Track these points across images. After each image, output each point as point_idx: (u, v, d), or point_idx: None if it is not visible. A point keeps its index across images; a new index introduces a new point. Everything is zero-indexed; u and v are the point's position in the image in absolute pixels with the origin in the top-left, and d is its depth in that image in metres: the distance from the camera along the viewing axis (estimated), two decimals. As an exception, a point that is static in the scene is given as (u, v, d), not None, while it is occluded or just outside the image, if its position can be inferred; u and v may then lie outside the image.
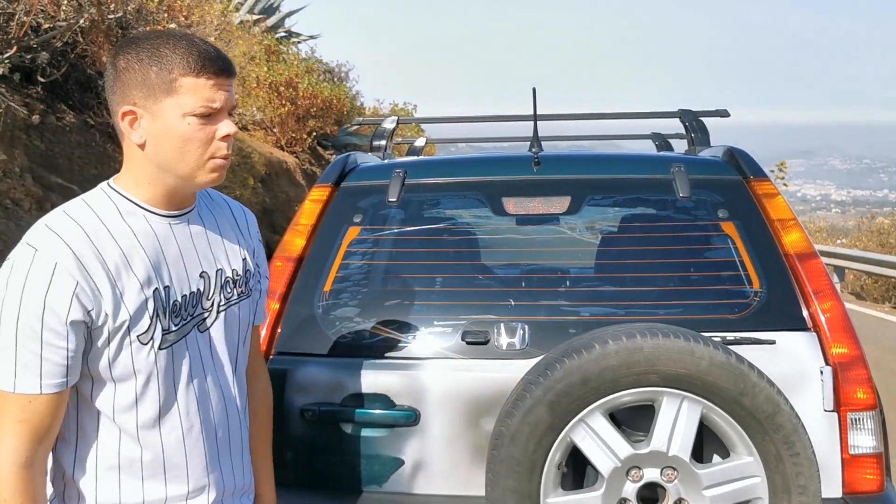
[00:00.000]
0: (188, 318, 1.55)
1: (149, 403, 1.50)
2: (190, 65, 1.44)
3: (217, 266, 1.61)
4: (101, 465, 1.50)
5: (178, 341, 1.53)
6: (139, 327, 1.46)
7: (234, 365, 1.67)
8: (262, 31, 12.98)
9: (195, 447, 1.56)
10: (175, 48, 1.45)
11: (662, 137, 4.07)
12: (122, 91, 1.47)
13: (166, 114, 1.45)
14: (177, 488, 1.55)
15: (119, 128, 1.49)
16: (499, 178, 2.69)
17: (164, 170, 1.49)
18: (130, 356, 1.46)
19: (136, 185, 1.51)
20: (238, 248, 1.68)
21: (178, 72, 1.44)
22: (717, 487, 1.95)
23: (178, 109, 1.45)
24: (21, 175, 5.44)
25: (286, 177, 10.95)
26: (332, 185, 2.63)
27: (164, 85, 1.44)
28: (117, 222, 1.48)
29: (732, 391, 1.92)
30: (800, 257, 2.35)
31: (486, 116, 3.68)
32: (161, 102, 1.45)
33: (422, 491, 2.24)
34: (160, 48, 1.45)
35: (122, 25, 6.72)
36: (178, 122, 1.45)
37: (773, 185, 2.55)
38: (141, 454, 1.51)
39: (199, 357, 1.57)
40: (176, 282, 1.53)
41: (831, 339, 2.21)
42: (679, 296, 2.38)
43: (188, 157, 1.47)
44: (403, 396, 2.26)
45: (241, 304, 1.67)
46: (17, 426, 1.39)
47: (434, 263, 2.57)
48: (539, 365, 2.05)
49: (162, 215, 1.53)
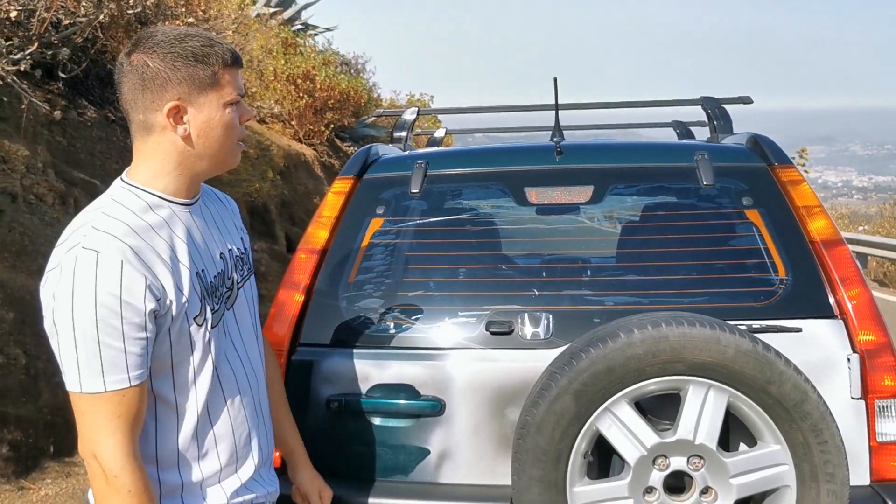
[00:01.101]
0: (221, 297, 1.65)
1: (203, 382, 1.59)
2: (227, 59, 1.57)
3: (228, 247, 1.73)
4: (162, 448, 1.58)
5: (221, 319, 1.64)
6: (194, 310, 1.55)
7: (257, 337, 1.80)
8: (279, 23, 12.99)
9: (238, 418, 1.67)
10: (209, 45, 1.57)
11: (684, 125, 4.04)
12: (160, 89, 1.54)
13: (211, 105, 1.57)
14: (228, 460, 1.65)
15: (153, 123, 1.55)
16: (521, 168, 2.69)
17: (203, 157, 1.59)
18: (189, 339, 1.55)
19: (155, 177, 1.58)
20: (235, 229, 1.81)
21: (219, 66, 1.56)
22: (744, 476, 1.94)
23: (220, 100, 1.58)
24: (44, 170, 5.49)
25: (305, 169, 10.98)
26: (355, 177, 2.65)
27: (209, 79, 1.56)
28: (151, 216, 1.55)
29: (759, 379, 1.91)
30: (826, 244, 2.33)
31: (507, 106, 3.67)
32: (207, 95, 1.56)
33: (447, 480, 2.25)
34: (195, 46, 1.56)
35: (141, 20, 6.75)
36: (220, 111, 1.58)
37: (798, 171, 2.53)
38: (196, 432, 1.60)
39: (230, 334, 1.69)
40: (207, 264, 1.62)
41: (858, 327, 2.19)
42: (704, 284, 2.37)
43: (226, 143, 1.61)
44: (428, 386, 2.27)
45: (251, 280, 1.81)
46: (117, 422, 1.46)
47: (457, 254, 2.57)
48: (564, 354, 2.05)
49: (182, 204, 1.61)
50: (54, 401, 4.28)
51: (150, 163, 1.58)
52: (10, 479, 3.95)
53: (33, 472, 4.10)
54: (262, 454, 1.75)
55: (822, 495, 1.91)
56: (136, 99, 1.55)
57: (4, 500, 3.77)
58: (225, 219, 1.79)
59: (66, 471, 4.18)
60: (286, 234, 9.34)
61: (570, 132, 4.31)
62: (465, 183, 2.72)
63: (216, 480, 1.64)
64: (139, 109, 1.55)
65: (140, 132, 1.57)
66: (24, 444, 4.10)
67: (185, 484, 1.60)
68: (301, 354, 2.33)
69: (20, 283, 4.56)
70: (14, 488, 3.90)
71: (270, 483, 1.80)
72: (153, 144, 1.57)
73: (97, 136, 6.42)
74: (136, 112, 1.56)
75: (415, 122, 3.47)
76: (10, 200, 4.93)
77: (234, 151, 1.64)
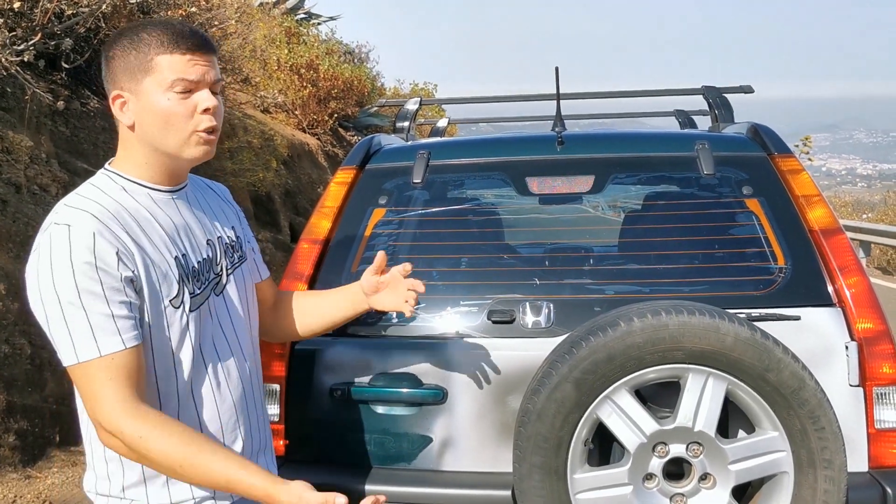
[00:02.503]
0: (206, 282, 1.66)
1: (185, 367, 1.59)
2: (164, 44, 1.54)
3: (217, 234, 1.74)
4: None
5: (203, 304, 1.64)
6: (170, 292, 1.56)
7: (249, 324, 1.80)
8: (282, 13, 12.97)
9: (224, 404, 1.66)
10: (151, 31, 1.55)
11: (686, 114, 4.04)
12: (111, 78, 1.58)
13: (148, 92, 1.55)
14: None
15: (113, 112, 1.60)
16: (523, 157, 2.70)
17: (154, 148, 1.59)
18: (166, 321, 1.56)
19: (134, 166, 1.61)
20: (226, 217, 1.82)
21: (154, 52, 1.54)
22: (742, 462, 1.96)
23: (158, 87, 1.54)
24: (47, 161, 5.51)
25: (308, 159, 10.99)
26: (357, 167, 2.66)
27: (142, 66, 1.54)
28: (127, 199, 1.58)
29: (757, 367, 1.93)
30: (825, 233, 2.35)
31: (509, 96, 3.68)
32: (142, 83, 1.55)
33: (450, 468, 2.28)
34: (139, 33, 1.56)
35: (144, 10, 6.75)
36: (158, 98, 1.55)
37: (797, 161, 2.54)
38: (178, 415, 1.59)
39: (219, 319, 1.69)
40: (190, 249, 1.63)
41: (857, 315, 2.21)
42: (704, 273, 2.39)
43: (173, 132, 1.57)
44: (431, 375, 2.29)
45: (243, 267, 1.81)
46: (117, 384, 1.46)
47: (459, 244, 2.59)
48: (565, 343, 2.07)
49: (163, 191, 1.63)
50: (60, 390, 4.31)
51: (123, 151, 1.63)
52: (17, 467, 3.98)
53: (40, 460, 4.14)
54: (253, 442, 1.74)
55: (820, 481, 1.93)
56: (106, 89, 1.62)
57: (11, 488, 3.81)
58: (214, 207, 1.80)
59: (72, 459, 4.22)
60: (290, 224, 9.36)
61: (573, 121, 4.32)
62: (467, 173, 2.74)
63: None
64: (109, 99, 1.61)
65: (116, 121, 1.63)
66: (30, 433, 4.13)
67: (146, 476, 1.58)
68: (304, 344, 2.35)
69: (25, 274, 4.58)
70: (21, 477, 3.94)
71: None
72: (121, 135, 1.63)
73: (100, 126, 6.44)
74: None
75: (417, 112, 3.48)
76: (15, 191, 4.95)
77: (187, 142, 1.57)
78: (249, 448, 1.72)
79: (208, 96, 1.57)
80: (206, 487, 1.58)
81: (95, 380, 1.46)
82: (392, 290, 1.96)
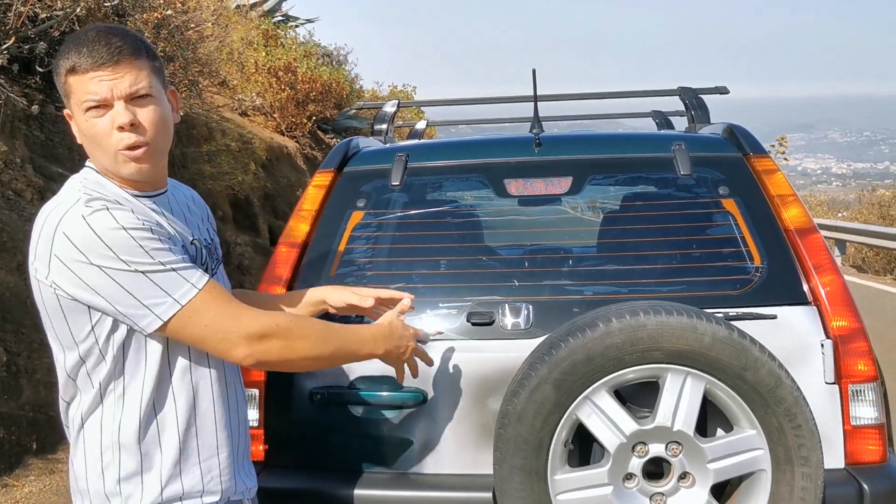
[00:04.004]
0: None
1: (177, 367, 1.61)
2: (71, 65, 1.51)
3: (197, 236, 1.74)
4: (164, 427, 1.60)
5: None
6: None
7: None
8: (259, 15, 12.91)
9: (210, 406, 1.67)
10: (65, 53, 1.53)
11: (663, 115, 4.07)
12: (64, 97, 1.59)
13: (75, 113, 1.55)
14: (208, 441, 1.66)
15: None
16: (500, 159, 2.71)
17: (99, 164, 1.59)
18: None
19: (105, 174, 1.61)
20: (203, 220, 1.83)
21: (65, 74, 1.53)
22: (721, 460, 1.98)
23: (78, 108, 1.54)
24: (22, 165, 5.45)
25: (287, 162, 10.95)
26: (335, 170, 2.65)
27: (63, 89, 1.55)
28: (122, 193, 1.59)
29: (735, 366, 1.95)
30: (800, 232, 2.37)
31: (486, 98, 3.68)
32: (70, 105, 1.56)
33: (430, 470, 2.27)
34: (60, 56, 1.54)
35: (119, 13, 6.70)
36: (81, 120, 1.54)
37: (772, 161, 2.56)
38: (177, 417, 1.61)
39: None
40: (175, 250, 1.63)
41: (832, 313, 2.23)
42: (681, 273, 2.40)
43: (101, 153, 1.56)
44: (410, 378, 2.28)
45: (220, 270, 1.83)
46: (227, 304, 1.56)
47: (438, 246, 2.59)
48: (544, 344, 2.08)
49: (143, 196, 1.62)
50: (36, 398, 4.26)
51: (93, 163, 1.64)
52: (-6, 476, 3.94)
53: (17, 468, 4.09)
54: (240, 447, 1.75)
55: (797, 479, 1.94)
56: None
57: (-12, 497, 3.76)
58: (192, 210, 1.80)
59: (50, 468, 4.17)
60: (269, 227, 9.32)
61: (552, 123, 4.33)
62: (445, 175, 2.74)
63: (196, 467, 1.64)
64: None
65: None
66: (6, 442, 4.08)
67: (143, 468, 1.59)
68: (283, 347, 2.33)
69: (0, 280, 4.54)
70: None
71: (248, 477, 1.80)
72: None
73: (76, 131, 6.38)
74: None
75: (395, 115, 3.48)
76: (-11, 196, 4.89)
77: (115, 160, 1.54)
78: (235, 453, 1.72)
79: (122, 111, 1.50)
80: (337, 364, 1.88)
81: (208, 312, 1.51)
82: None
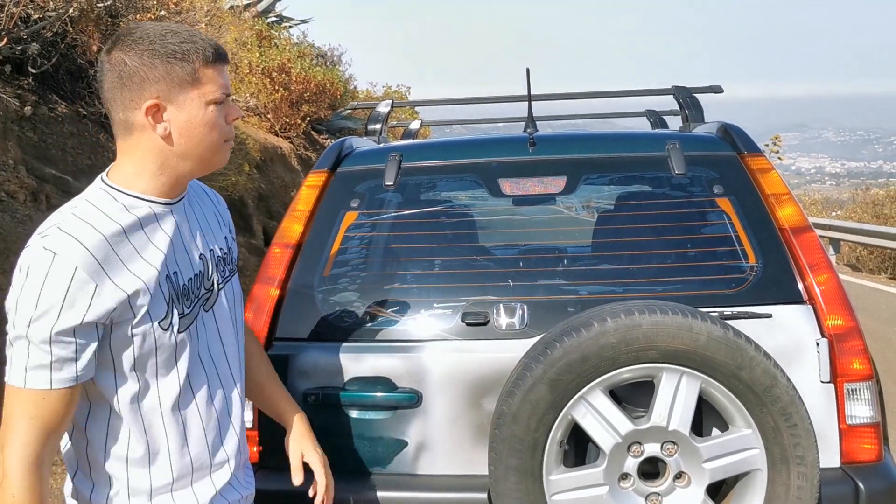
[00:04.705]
0: (196, 299, 1.63)
1: (171, 387, 1.57)
2: (208, 56, 1.54)
3: (210, 247, 1.70)
4: (133, 452, 1.56)
5: (192, 323, 1.61)
6: (159, 315, 1.52)
7: (237, 339, 1.77)
8: (253, 16, 12.89)
9: (210, 422, 1.65)
10: (189, 42, 1.54)
11: (657, 115, 4.07)
12: (138, 87, 1.52)
13: (193, 104, 1.54)
14: (200, 464, 1.63)
15: (132, 122, 1.54)
16: (494, 159, 2.70)
17: (185, 157, 1.57)
18: (154, 343, 1.53)
19: (137, 176, 1.56)
20: (220, 228, 1.79)
21: (199, 63, 1.54)
22: (716, 460, 1.97)
23: (202, 99, 1.55)
24: (15, 167, 5.42)
25: (281, 162, 10.93)
26: (329, 170, 2.64)
27: (188, 77, 1.53)
28: (125, 217, 1.53)
29: (730, 365, 1.94)
30: (794, 231, 2.37)
31: (480, 98, 3.67)
32: (188, 93, 1.54)
33: (425, 471, 2.26)
34: (174, 42, 1.53)
35: (112, 14, 6.67)
36: (202, 110, 1.55)
37: (767, 160, 2.56)
38: (166, 436, 1.57)
39: (207, 336, 1.66)
40: (182, 266, 1.60)
41: (827, 312, 2.23)
42: (676, 272, 2.40)
43: (210, 142, 1.58)
44: (405, 379, 2.28)
45: (233, 280, 1.78)
46: (29, 422, 1.43)
47: (432, 246, 2.58)
48: (539, 344, 2.07)
49: (163, 203, 1.59)
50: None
51: (131, 162, 1.56)
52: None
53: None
54: (238, 458, 1.72)
55: (793, 478, 1.94)
56: (115, 97, 1.53)
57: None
58: (210, 218, 1.76)
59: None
60: (264, 228, 9.30)
61: (547, 122, 4.32)
62: (439, 175, 2.73)
63: (187, 484, 1.61)
64: (119, 108, 1.53)
65: (121, 131, 1.55)
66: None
67: (153, 488, 1.57)
68: (277, 349, 2.33)
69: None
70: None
71: (247, 486, 1.78)
72: (133, 143, 1.55)
73: (68, 132, 6.35)
74: (115, 111, 1.54)
75: (389, 115, 3.47)
76: (-19, 198, 4.87)
77: (220, 151, 1.60)
78: (233, 465, 1.70)
79: (235, 107, 1.62)
80: None
81: (15, 408, 1.43)
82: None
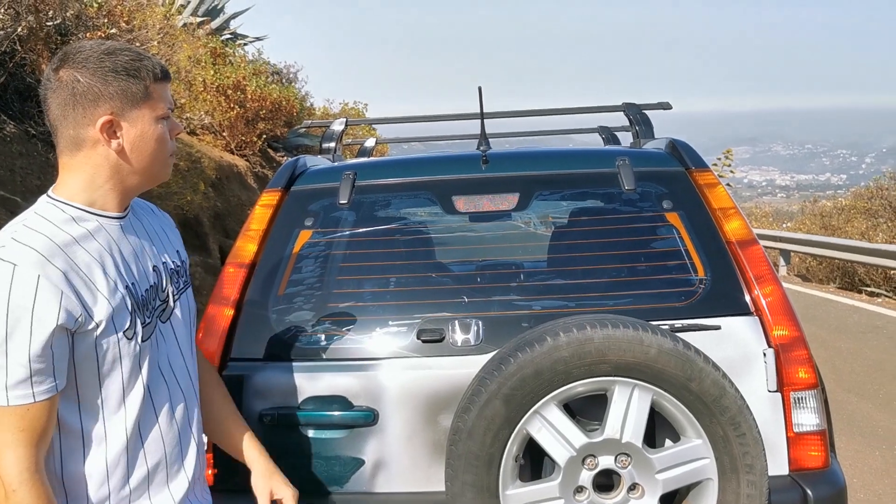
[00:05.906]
0: (153, 310, 1.65)
1: (134, 397, 1.59)
2: (157, 73, 1.60)
3: (162, 259, 1.73)
4: (92, 463, 1.56)
5: (152, 333, 1.63)
6: (122, 324, 1.54)
7: (192, 350, 1.80)
8: (207, 33, 12.81)
9: (169, 434, 1.66)
10: (138, 59, 1.59)
11: (609, 131, 4.13)
12: (91, 104, 1.54)
13: (144, 119, 1.59)
14: (159, 477, 1.64)
15: (83, 138, 1.55)
16: (448, 177, 2.72)
17: (135, 172, 1.60)
18: (118, 353, 1.54)
19: (83, 190, 1.57)
20: (170, 241, 1.81)
21: (150, 80, 1.59)
22: (669, 471, 2.01)
23: (153, 114, 1.60)
24: (-38, 188, 5.30)
25: (237, 180, 10.84)
26: (283, 189, 2.64)
27: (141, 93, 1.57)
28: (75, 228, 1.54)
29: (680, 377, 1.98)
30: (741, 244, 2.43)
31: (434, 116, 3.70)
32: (140, 109, 1.58)
33: (382, 489, 2.26)
34: (125, 60, 1.57)
35: (62, 32, 6.58)
36: (153, 125, 1.60)
37: (713, 175, 2.62)
38: (127, 446, 1.58)
39: (166, 347, 1.69)
40: (138, 278, 1.62)
41: (773, 322, 2.28)
42: (628, 286, 2.44)
43: (159, 157, 1.63)
44: (361, 397, 2.28)
45: (187, 293, 1.81)
46: (20, 436, 1.45)
47: (387, 264, 2.58)
48: (493, 360, 2.09)
49: (112, 217, 1.61)
50: None
51: (78, 178, 1.57)
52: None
53: None
54: (196, 471, 1.74)
55: (743, 486, 1.98)
56: (66, 114, 1.54)
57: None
58: (158, 231, 1.78)
59: None
60: (220, 247, 9.20)
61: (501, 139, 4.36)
62: (393, 193, 2.74)
63: (145, 498, 1.62)
64: (69, 125, 1.54)
65: (69, 147, 1.56)
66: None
67: (111, 498, 1.58)
68: (232, 369, 2.31)
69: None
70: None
71: (204, 502, 1.80)
72: (82, 159, 1.56)
73: (17, 152, 6.23)
74: (65, 127, 1.55)
75: (343, 133, 3.48)
76: (-75, 220, 4.75)
77: (166, 165, 1.66)
78: (191, 476, 1.71)
79: (177, 122, 1.69)
80: None
81: (2, 426, 1.44)
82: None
